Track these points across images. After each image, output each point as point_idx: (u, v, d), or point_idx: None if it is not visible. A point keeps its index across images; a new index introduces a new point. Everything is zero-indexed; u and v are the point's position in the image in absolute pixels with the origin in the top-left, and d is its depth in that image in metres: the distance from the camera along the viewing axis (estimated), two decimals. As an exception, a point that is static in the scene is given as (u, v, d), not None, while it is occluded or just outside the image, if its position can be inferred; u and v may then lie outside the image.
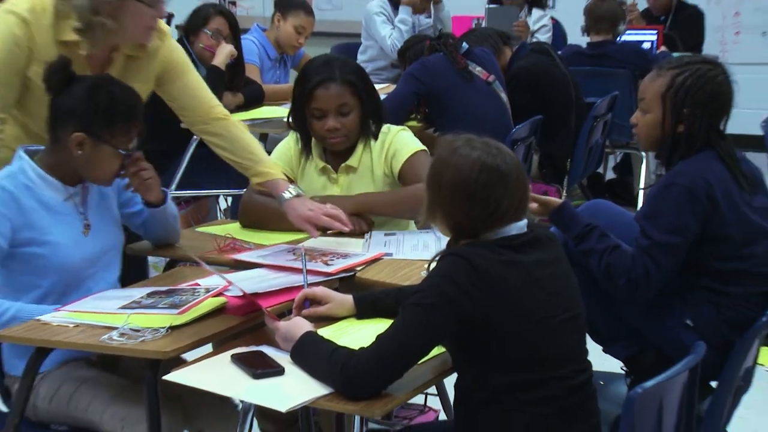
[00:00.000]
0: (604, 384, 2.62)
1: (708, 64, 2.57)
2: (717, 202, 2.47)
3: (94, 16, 2.64)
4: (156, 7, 2.71)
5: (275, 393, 2.01)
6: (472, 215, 2.06)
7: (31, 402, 2.47)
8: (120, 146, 2.49)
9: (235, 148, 2.92)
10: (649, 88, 2.57)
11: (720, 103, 2.53)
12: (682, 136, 2.52)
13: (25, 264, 2.47)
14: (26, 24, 2.67)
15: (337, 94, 2.93)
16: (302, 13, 5.24)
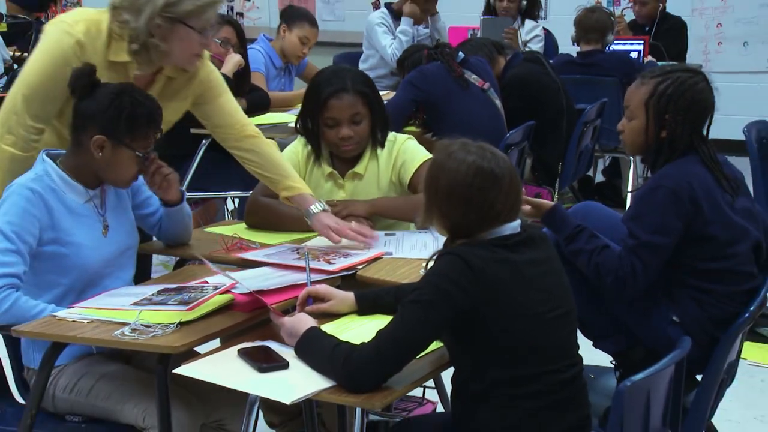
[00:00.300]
0: (594, 377, 2.62)
1: (689, 72, 2.57)
2: (700, 203, 2.47)
3: (149, 38, 2.65)
4: (204, 35, 2.70)
5: (280, 386, 2.01)
6: (467, 216, 2.05)
7: (50, 393, 2.47)
8: (138, 150, 2.49)
9: (265, 165, 2.91)
10: (633, 96, 2.58)
11: (700, 109, 2.53)
12: (665, 141, 2.53)
13: (49, 262, 2.47)
14: (81, 47, 2.67)
15: (350, 104, 2.91)
16: (307, 24, 5.24)
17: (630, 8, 7.12)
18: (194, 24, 2.66)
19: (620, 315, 2.59)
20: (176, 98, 2.86)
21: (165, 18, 2.63)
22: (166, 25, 2.64)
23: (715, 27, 7.32)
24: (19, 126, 2.66)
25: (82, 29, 2.68)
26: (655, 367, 2.02)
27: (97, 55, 2.68)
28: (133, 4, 2.64)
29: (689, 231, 2.48)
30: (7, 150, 2.69)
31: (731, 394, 2.69)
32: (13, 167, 2.67)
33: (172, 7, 2.62)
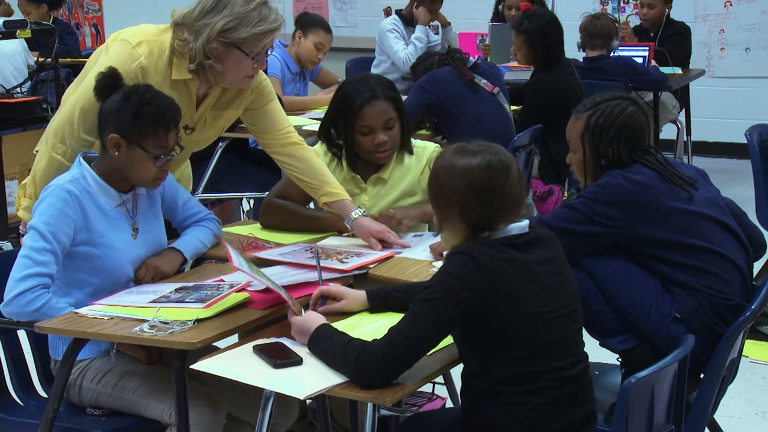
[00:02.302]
0: (599, 374, 2.61)
1: (617, 99, 2.63)
2: (649, 197, 2.49)
3: (205, 59, 2.66)
4: (257, 60, 2.70)
5: (294, 382, 2.01)
6: (489, 209, 2.06)
7: (78, 383, 2.49)
8: (150, 149, 2.47)
9: (307, 171, 2.92)
10: (571, 131, 2.65)
11: (632, 132, 2.57)
12: (606, 167, 2.58)
13: (81, 262, 2.49)
14: (143, 69, 2.68)
15: (383, 111, 2.90)
16: (321, 31, 5.23)
17: (635, 15, 7.09)
18: (249, 50, 2.65)
19: (624, 313, 2.58)
20: (230, 107, 2.87)
21: (221, 42, 2.63)
22: (222, 48, 2.65)
23: (718, 33, 7.29)
24: (72, 137, 2.66)
25: (145, 51, 2.68)
26: (659, 365, 2.02)
27: (158, 75, 2.70)
28: (194, 24, 2.64)
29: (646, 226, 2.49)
30: (57, 158, 2.69)
31: (733, 390, 2.68)
32: (59, 175, 2.66)
33: (228, 33, 2.62)
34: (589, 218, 2.52)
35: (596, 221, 2.52)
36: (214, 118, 2.88)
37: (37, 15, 6.67)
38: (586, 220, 2.52)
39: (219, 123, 2.92)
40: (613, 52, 5.60)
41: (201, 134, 2.90)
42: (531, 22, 4.91)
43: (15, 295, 2.36)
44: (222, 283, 2.48)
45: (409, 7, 6.04)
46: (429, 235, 2.87)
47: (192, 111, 2.82)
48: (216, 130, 2.95)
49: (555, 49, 4.91)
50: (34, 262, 2.38)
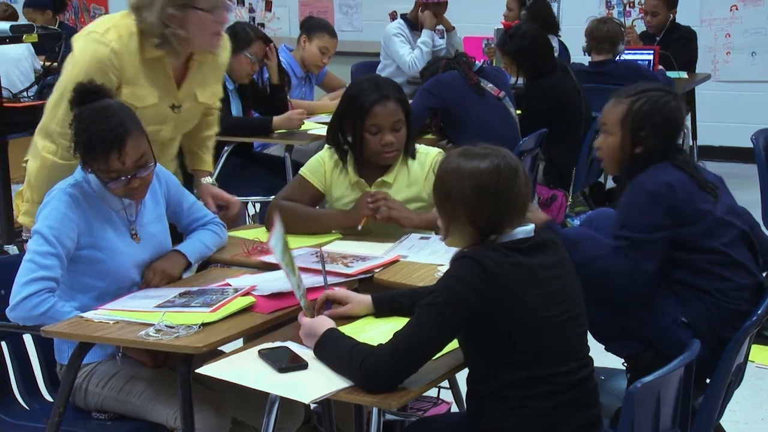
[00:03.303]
0: (605, 379, 2.60)
1: (661, 91, 2.62)
2: (679, 200, 2.48)
3: (165, 28, 2.70)
4: (215, 14, 2.74)
5: (299, 386, 2.00)
6: (497, 212, 2.05)
7: (83, 387, 2.49)
8: (101, 175, 2.45)
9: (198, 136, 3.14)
10: (610, 114, 2.62)
11: (673, 125, 2.58)
12: (641, 156, 2.56)
13: (85, 266, 2.49)
14: (116, 54, 2.72)
15: (392, 111, 2.92)
16: (326, 35, 5.24)
17: (640, 19, 7.09)
18: (203, 5, 2.71)
19: (631, 318, 2.57)
20: (212, 81, 2.94)
21: (175, 7, 2.68)
22: (179, 13, 2.69)
23: (724, 37, 7.29)
24: (60, 136, 2.68)
25: (114, 36, 2.72)
26: (665, 369, 2.01)
27: (132, 57, 2.74)
28: (147, 3, 2.70)
29: (675, 227, 2.47)
30: (49, 158, 2.73)
31: (739, 395, 2.67)
32: (53, 175, 2.70)
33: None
34: (647, 240, 2.45)
35: (654, 235, 2.46)
36: (202, 94, 2.95)
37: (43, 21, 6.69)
38: (648, 244, 2.46)
39: (206, 99, 2.99)
40: (618, 56, 5.60)
41: (190, 112, 2.96)
42: (513, 43, 4.92)
43: (20, 300, 2.36)
44: (227, 288, 2.48)
45: (414, 12, 6.04)
46: (435, 238, 2.87)
47: (173, 88, 2.87)
48: (204, 107, 3.03)
49: (543, 63, 4.92)
50: (38, 266, 2.39)
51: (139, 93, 2.79)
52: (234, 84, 4.59)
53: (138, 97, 2.77)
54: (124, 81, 2.76)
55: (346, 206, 3.00)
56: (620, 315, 2.58)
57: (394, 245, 2.84)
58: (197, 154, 3.19)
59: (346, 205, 3.00)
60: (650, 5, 6.48)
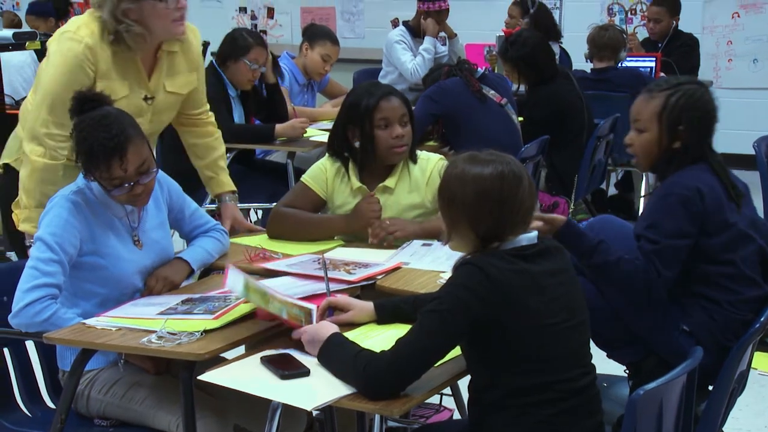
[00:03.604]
0: (607, 386, 2.60)
1: (694, 84, 2.58)
2: (707, 209, 2.46)
3: (118, 24, 2.75)
4: (170, 1, 2.76)
5: (301, 393, 2.00)
6: (499, 219, 2.05)
7: (86, 394, 2.49)
8: (104, 183, 2.46)
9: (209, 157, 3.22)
10: (643, 109, 2.56)
11: (710, 119, 2.54)
12: (678, 151, 2.52)
13: (88, 273, 2.50)
14: (90, 49, 2.79)
15: (399, 105, 2.96)
16: (328, 42, 5.24)
17: (642, 26, 7.10)
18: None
19: (633, 325, 2.57)
20: (183, 71, 2.97)
21: (128, 1, 2.73)
22: (134, 6, 2.74)
23: (726, 44, 7.30)
24: (46, 137, 2.72)
25: (86, 33, 2.80)
26: (667, 376, 2.01)
27: (104, 52, 2.80)
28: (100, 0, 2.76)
29: (700, 237, 2.46)
30: (39, 161, 2.76)
31: (741, 403, 2.67)
32: (46, 176, 2.75)
33: None
34: (671, 247, 2.44)
35: (679, 242, 2.45)
36: (171, 84, 2.99)
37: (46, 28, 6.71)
38: (672, 250, 2.44)
39: (180, 89, 3.02)
40: (620, 64, 5.60)
41: (163, 103, 2.99)
42: (515, 50, 4.93)
43: (23, 306, 2.37)
44: (229, 294, 2.47)
45: (416, 19, 6.05)
46: (437, 245, 2.87)
47: (144, 80, 2.92)
48: (176, 98, 3.06)
49: (545, 70, 4.93)
50: (41, 272, 2.39)
51: (112, 86, 2.84)
52: (236, 91, 4.60)
53: (111, 90, 2.81)
54: (98, 75, 2.82)
55: (347, 213, 3.00)
56: (623, 322, 2.57)
57: (396, 252, 2.85)
58: (214, 178, 3.23)
59: (348, 212, 3.01)
60: (653, 12, 6.49)
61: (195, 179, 3.36)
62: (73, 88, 2.73)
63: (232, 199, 3.23)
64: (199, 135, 3.21)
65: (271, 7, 8.36)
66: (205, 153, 3.20)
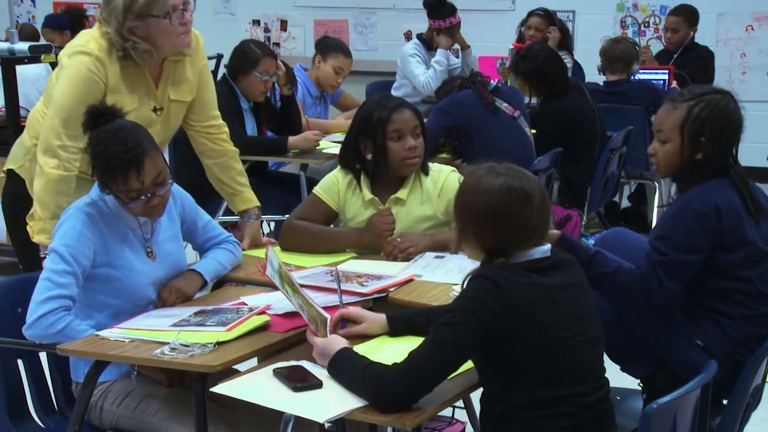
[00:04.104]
0: (620, 399, 2.58)
1: (719, 93, 2.55)
2: (724, 226, 2.44)
3: (125, 42, 2.78)
4: (174, 18, 2.81)
5: (314, 405, 2.00)
6: (506, 236, 2.04)
7: (99, 406, 2.50)
8: (121, 197, 2.47)
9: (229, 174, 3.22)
10: (666, 120, 2.54)
11: (734, 129, 2.51)
12: (700, 162, 2.50)
13: (101, 284, 2.51)
14: (99, 61, 2.82)
15: (411, 117, 2.97)
16: (341, 55, 5.26)
17: (655, 38, 7.09)
18: (159, 12, 2.78)
19: (646, 340, 2.56)
20: (187, 78, 3.00)
21: (133, 18, 2.76)
22: (139, 23, 2.78)
23: (740, 57, 7.28)
24: (60, 149, 2.74)
25: (95, 46, 2.83)
26: (681, 390, 2.00)
27: (113, 65, 2.83)
28: (108, 17, 2.80)
29: (712, 252, 2.45)
30: (53, 173, 2.78)
31: (756, 417, 2.65)
32: (60, 188, 2.77)
33: (131, 8, 2.76)
34: (680, 261, 2.43)
35: (688, 257, 2.44)
36: (176, 92, 3.00)
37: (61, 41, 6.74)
38: (680, 264, 2.44)
39: (184, 96, 3.03)
40: (633, 76, 5.59)
41: (171, 111, 3.01)
42: (526, 63, 4.93)
43: (37, 318, 2.37)
44: (242, 306, 2.48)
45: (430, 32, 6.07)
46: (450, 257, 2.86)
47: (153, 92, 2.94)
48: (182, 105, 3.07)
49: (556, 83, 4.93)
50: (55, 284, 2.40)
51: (122, 99, 2.86)
52: (249, 103, 4.62)
53: (121, 104, 2.82)
54: (108, 89, 2.85)
55: (360, 225, 3.01)
56: (636, 336, 2.56)
57: (409, 264, 2.85)
58: (238, 195, 3.22)
59: (360, 224, 3.01)
60: (671, 21, 6.47)
61: (207, 191, 3.37)
62: (85, 100, 2.77)
63: (255, 216, 3.22)
64: (214, 155, 3.19)
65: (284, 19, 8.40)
66: (222, 172, 3.20)
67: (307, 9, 8.23)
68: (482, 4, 7.47)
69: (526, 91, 5.00)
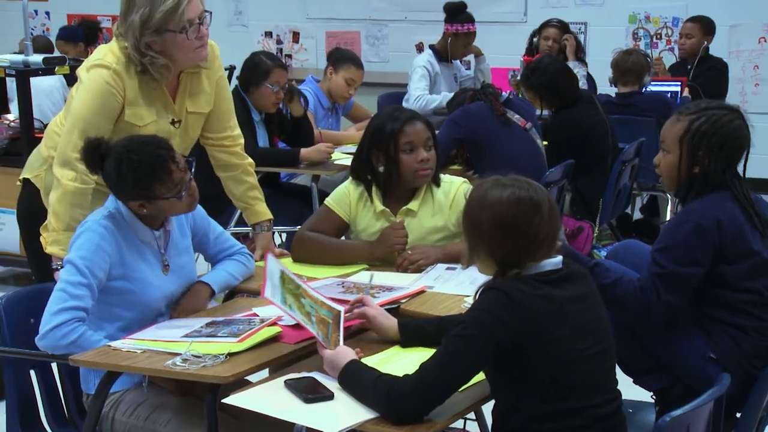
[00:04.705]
0: (633, 412, 2.58)
1: (724, 110, 2.55)
2: (725, 239, 2.45)
3: (142, 57, 2.79)
4: (190, 32, 2.81)
5: (325, 416, 2.00)
6: (516, 247, 2.04)
7: (110, 416, 2.50)
8: (169, 195, 2.49)
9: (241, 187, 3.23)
10: (669, 132, 2.57)
11: (734, 147, 2.51)
12: (698, 176, 2.51)
13: (116, 297, 2.51)
14: (117, 74, 2.83)
15: (423, 129, 2.98)
16: (353, 66, 5.27)
17: (667, 50, 7.08)
18: (176, 27, 2.79)
19: (658, 352, 2.55)
20: (204, 89, 3.01)
21: (150, 33, 2.77)
22: (156, 38, 2.79)
23: (752, 69, 7.26)
24: (78, 161, 2.75)
25: (113, 60, 2.84)
26: (694, 403, 1.99)
27: (131, 78, 2.85)
28: (125, 33, 2.81)
29: (716, 264, 2.45)
30: (71, 185, 2.79)
31: (770, 431, 2.63)
32: (76, 200, 2.79)
33: (148, 23, 2.78)
34: (680, 274, 2.44)
35: (689, 270, 2.45)
36: (193, 104, 3.01)
37: (75, 53, 6.79)
38: (680, 277, 2.44)
39: (200, 107, 3.04)
40: (645, 88, 5.59)
41: (189, 123, 3.03)
42: (536, 77, 4.95)
43: (50, 329, 2.38)
44: (254, 318, 2.48)
45: (443, 42, 6.05)
46: (461, 269, 2.86)
47: (171, 105, 2.95)
48: (200, 116, 3.07)
49: (567, 95, 4.94)
50: (69, 296, 2.41)
51: (139, 112, 2.88)
52: (260, 115, 4.63)
53: (139, 117, 2.88)
54: (126, 102, 2.86)
55: (371, 236, 3.01)
56: (648, 349, 2.55)
57: (420, 276, 2.85)
58: (249, 208, 3.24)
59: (371, 236, 3.01)
60: (686, 27, 6.46)
61: (219, 202, 3.38)
62: (103, 112, 2.79)
63: (267, 227, 3.23)
64: (228, 168, 3.20)
65: (296, 31, 8.42)
66: (235, 186, 3.21)
67: (319, 21, 8.26)
68: (494, 15, 7.48)
69: (537, 104, 5.00)
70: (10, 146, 5.02)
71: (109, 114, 2.83)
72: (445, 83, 5.99)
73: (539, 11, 7.26)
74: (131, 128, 2.83)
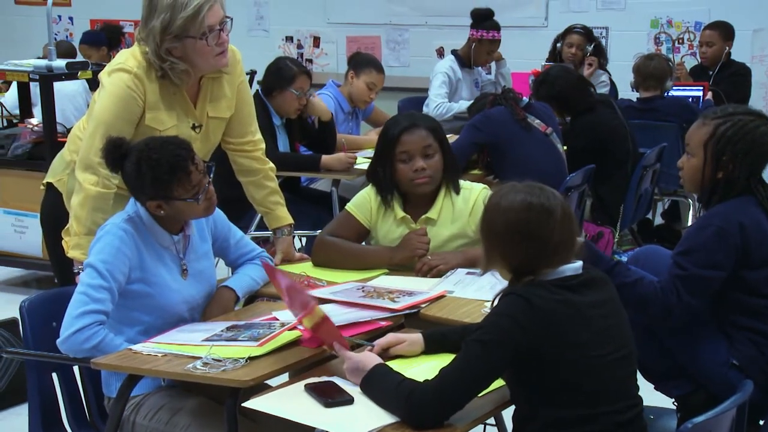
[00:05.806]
0: (654, 418, 2.56)
1: (751, 115, 2.54)
2: (749, 243, 2.43)
3: (162, 62, 2.81)
4: (210, 39, 2.81)
5: (345, 421, 2.00)
6: (529, 253, 2.04)
7: (131, 420, 2.52)
8: (186, 197, 2.50)
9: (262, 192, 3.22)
10: (694, 135, 2.56)
11: (760, 153, 2.50)
12: (721, 181, 2.50)
13: (135, 300, 2.53)
14: (138, 78, 2.85)
15: (421, 137, 2.95)
16: (374, 71, 5.27)
17: (689, 55, 7.04)
18: (196, 33, 2.80)
19: (680, 359, 2.53)
20: (225, 94, 3.01)
21: (171, 39, 2.78)
22: (177, 44, 2.80)
23: (776, 73, 7.20)
24: (100, 165, 2.76)
25: (134, 64, 2.86)
26: (716, 410, 1.98)
27: (152, 83, 2.86)
28: (146, 38, 2.83)
29: (738, 269, 2.43)
30: (93, 189, 2.81)
31: (793, 438, 2.60)
32: (98, 204, 2.80)
33: (169, 29, 2.78)
34: (701, 277, 2.43)
35: (710, 273, 2.44)
36: (214, 109, 3.01)
37: (98, 57, 6.83)
38: (701, 280, 2.44)
39: (221, 112, 3.04)
40: (667, 93, 5.56)
41: (210, 128, 3.04)
42: (544, 89, 4.94)
43: (72, 333, 2.40)
44: (274, 322, 2.49)
45: (466, 48, 6.04)
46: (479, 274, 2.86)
47: (191, 110, 2.96)
48: (221, 121, 3.08)
49: (578, 104, 4.93)
50: (90, 299, 2.42)
51: (160, 117, 2.90)
52: (281, 120, 4.65)
53: (159, 121, 2.89)
54: (147, 106, 2.88)
55: (392, 242, 3.01)
56: (670, 355, 2.54)
57: (441, 280, 2.84)
58: (271, 213, 3.24)
59: (392, 242, 3.01)
60: (705, 36, 6.42)
61: (240, 206, 3.39)
62: (124, 116, 2.81)
63: (288, 232, 3.23)
64: (249, 173, 3.20)
65: (317, 36, 8.44)
66: (256, 191, 3.21)
67: (340, 25, 8.27)
68: (515, 20, 7.45)
69: (554, 112, 5.00)
70: (34, 150, 5.06)
71: (130, 118, 2.85)
72: (467, 89, 5.98)
73: (560, 16, 7.23)
74: (152, 132, 2.84)
